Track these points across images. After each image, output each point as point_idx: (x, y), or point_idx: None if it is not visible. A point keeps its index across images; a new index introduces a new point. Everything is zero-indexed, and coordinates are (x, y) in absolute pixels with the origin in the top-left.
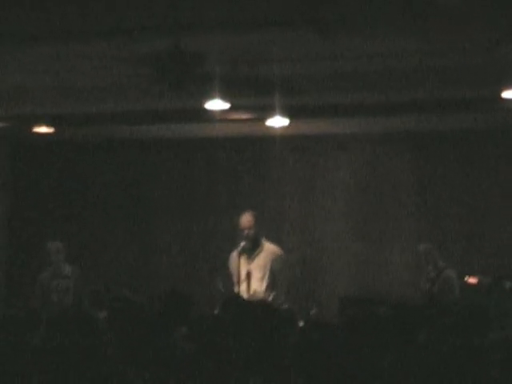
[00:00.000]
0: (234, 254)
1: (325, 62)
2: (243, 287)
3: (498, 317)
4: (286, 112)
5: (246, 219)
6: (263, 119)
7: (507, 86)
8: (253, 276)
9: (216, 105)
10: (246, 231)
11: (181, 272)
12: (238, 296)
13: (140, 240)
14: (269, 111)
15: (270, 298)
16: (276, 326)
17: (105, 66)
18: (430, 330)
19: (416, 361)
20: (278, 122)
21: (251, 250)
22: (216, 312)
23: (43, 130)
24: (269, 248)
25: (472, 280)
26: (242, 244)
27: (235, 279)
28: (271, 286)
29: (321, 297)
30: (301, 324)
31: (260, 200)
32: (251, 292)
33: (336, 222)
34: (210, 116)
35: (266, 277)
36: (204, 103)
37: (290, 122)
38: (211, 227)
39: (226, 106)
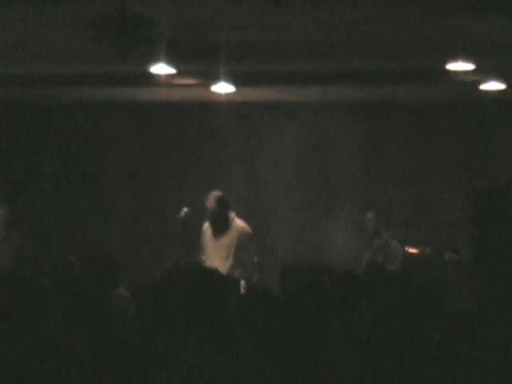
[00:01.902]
0: (206, 227)
1: (273, 29)
2: (209, 263)
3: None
4: (232, 78)
5: (211, 199)
6: (209, 85)
7: (453, 58)
8: (219, 254)
9: (162, 69)
10: (210, 210)
11: (127, 235)
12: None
13: (87, 204)
14: (215, 77)
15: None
16: (217, 292)
17: (51, 28)
18: (372, 299)
19: (357, 329)
20: (223, 88)
21: (219, 229)
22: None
23: None
24: (237, 226)
25: (413, 250)
26: (207, 224)
27: (203, 254)
28: (237, 264)
29: (264, 265)
30: (242, 291)
31: (204, 166)
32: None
33: (281, 190)
34: (155, 80)
35: (232, 254)
36: (150, 67)
37: (236, 89)
38: (157, 191)
39: (171, 70)
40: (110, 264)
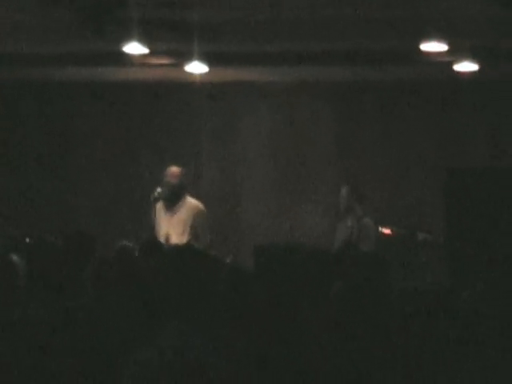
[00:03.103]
0: (159, 205)
1: (246, 8)
2: (163, 240)
3: (410, 268)
4: (205, 58)
5: (172, 170)
6: (182, 65)
7: (426, 39)
8: (173, 230)
9: (134, 48)
10: (168, 180)
11: (99, 216)
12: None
13: (59, 184)
14: (187, 57)
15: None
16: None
17: (23, 6)
18: (344, 279)
19: (330, 310)
20: (196, 67)
21: (172, 204)
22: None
23: None
24: (190, 203)
25: (387, 231)
26: (159, 191)
27: (157, 231)
28: (192, 240)
29: (237, 245)
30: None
31: (177, 147)
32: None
33: (255, 170)
34: (128, 60)
35: (187, 232)
36: (122, 46)
37: (209, 68)
38: (129, 171)
39: (144, 50)
40: (83, 238)
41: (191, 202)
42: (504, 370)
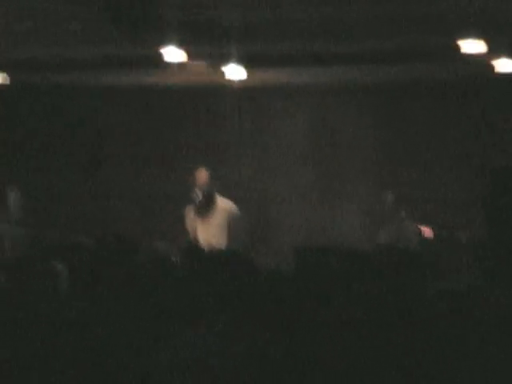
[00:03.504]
0: (190, 212)
1: (283, 9)
2: (200, 244)
3: (451, 270)
4: (242, 60)
5: (201, 175)
6: (218, 67)
7: (464, 36)
8: (209, 234)
9: (171, 52)
10: (200, 188)
11: (135, 221)
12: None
13: (95, 188)
14: (225, 59)
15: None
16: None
17: (59, 11)
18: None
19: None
20: (233, 70)
21: (206, 209)
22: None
23: None
24: (224, 205)
25: (428, 232)
26: (196, 200)
27: (192, 235)
28: (229, 244)
29: (277, 247)
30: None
31: (215, 150)
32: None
33: (293, 172)
34: (164, 63)
35: (223, 235)
36: (159, 50)
37: (246, 71)
38: (165, 177)
39: (180, 53)
40: (121, 241)
41: (224, 204)
42: None
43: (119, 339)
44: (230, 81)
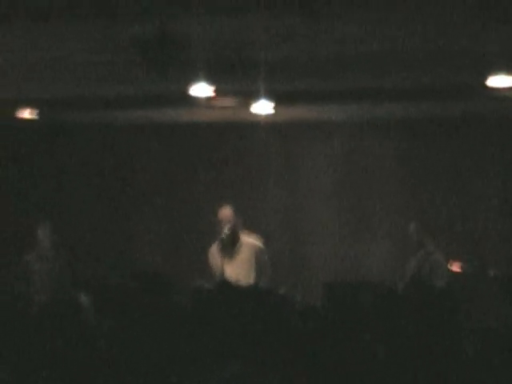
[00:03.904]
0: (214, 250)
1: (310, 46)
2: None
3: (481, 304)
4: (271, 97)
5: (224, 214)
6: (248, 104)
7: (492, 73)
8: (236, 271)
9: (200, 90)
10: (224, 226)
11: (164, 256)
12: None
13: (124, 224)
14: (253, 96)
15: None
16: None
17: (88, 49)
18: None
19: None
20: (262, 107)
21: (231, 245)
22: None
23: (26, 114)
24: (249, 241)
25: (456, 266)
26: (221, 238)
27: (218, 275)
28: (255, 280)
29: (306, 283)
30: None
31: (243, 186)
32: None
33: (321, 208)
34: (194, 101)
35: (250, 272)
36: (188, 88)
37: (275, 108)
38: (194, 213)
39: (210, 90)
40: (155, 279)
41: (249, 240)
42: None
43: (146, 375)
44: (258, 117)
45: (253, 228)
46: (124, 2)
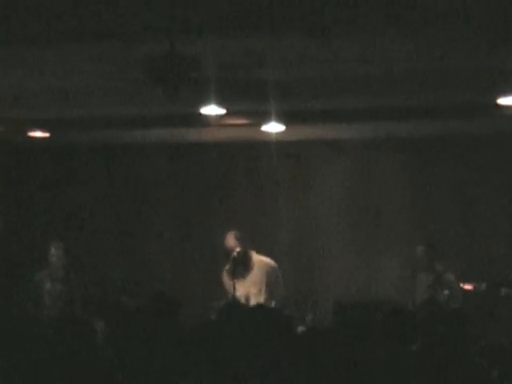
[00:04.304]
0: (227, 271)
1: (320, 66)
2: (241, 302)
3: (492, 324)
4: (282, 117)
5: (230, 241)
6: (259, 125)
7: (503, 92)
8: (249, 291)
9: (211, 110)
10: (232, 252)
11: (175, 278)
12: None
13: (135, 245)
14: (264, 117)
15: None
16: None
17: (99, 69)
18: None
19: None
20: (273, 127)
21: (243, 265)
22: (213, 317)
23: (38, 134)
24: (261, 261)
25: (467, 286)
26: (232, 258)
27: (230, 296)
28: (269, 299)
29: (316, 303)
30: (297, 329)
31: (255, 206)
32: None
33: (331, 228)
34: (205, 121)
35: (263, 291)
36: (199, 108)
37: (286, 128)
38: (206, 233)
39: (221, 111)
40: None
41: (261, 260)
42: None
43: None
44: (269, 138)
45: (264, 247)
46: (135, 23)
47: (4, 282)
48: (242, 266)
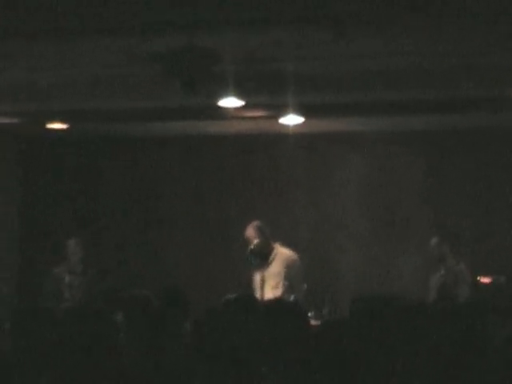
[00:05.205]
0: (249, 265)
1: (339, 60)
2: (258, 296)
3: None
4: (300, 110)
5: (250, 233)
6: (277, 117)
7: None
8: (267, 284)
9: (230, 102)
10: (251, 244)
11: (192, 272)
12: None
13: (152, 239)
14: (283, 109)
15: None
16: (287, 322)
17: (119, 62)
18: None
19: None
20: (291, 120)
21: (265, 256)
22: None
23: (56, 126)
24: (282, 254)
25: (485, 279)
26: (251, 249)
27: (252, 289)
28: (287, 292)
29: (333, 296)
30: (314, 322)
31: (273, 199)
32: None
33: (349, 222)
34: (223, 113)
35: (281, 284)
36: (218, 101)
37: (304, 120)
38: (224, 226)
39: (239, 103)
40: (180, 297)
41: (283, 252)
42: None
43: None
44: (287, 130)
45: (281, 240)
46: (154, 15)
47: (23, 277)
48: (259, 258)
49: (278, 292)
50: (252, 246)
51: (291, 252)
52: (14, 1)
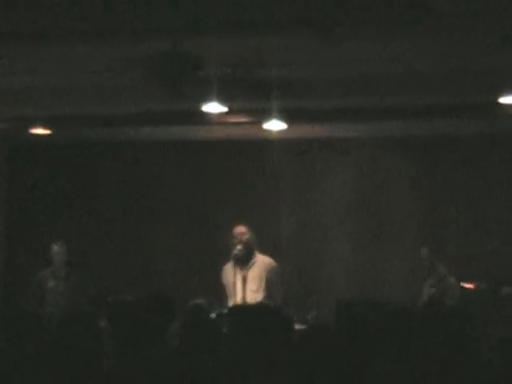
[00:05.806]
0: (228, 266)
1: (323, 65)
2: (239, 298)
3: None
4: (284, 116)
5: (240, 231)
6: (260, 123)
7: (505, 92)
8: (248, 288)
9: (213, 107)
10: (239, 242)
11: (179, 276)
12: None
13: (137, 243)
14: (266, 115)
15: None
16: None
17: (102, 67)
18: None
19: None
20: (275, 125)
21: (245, 262)
22: (213, 315)
23: (41, 131)
24: (263, 259)
25: (469, 286)
26: (235, 253)
27: (230, 290)
28: (267, 297)
29: (319, 302)
30: (298, 327)
31: (257, 204)
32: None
33: (334, 228)
34: (207, 119)
35: (262, 288)
36: (201, 106)
37: (288, 126)
38: (207, 230)
39: (223, 108)
40: (166, 302)
41: (263, 258)
42: None
43: None
44: (271, 136)
45: (264, 246)
46: (138, 21)
47: (7, 281)
48: (244, 262)
49: (259, 295)
50: (236, 252)
51: (270, 258)
52: None
